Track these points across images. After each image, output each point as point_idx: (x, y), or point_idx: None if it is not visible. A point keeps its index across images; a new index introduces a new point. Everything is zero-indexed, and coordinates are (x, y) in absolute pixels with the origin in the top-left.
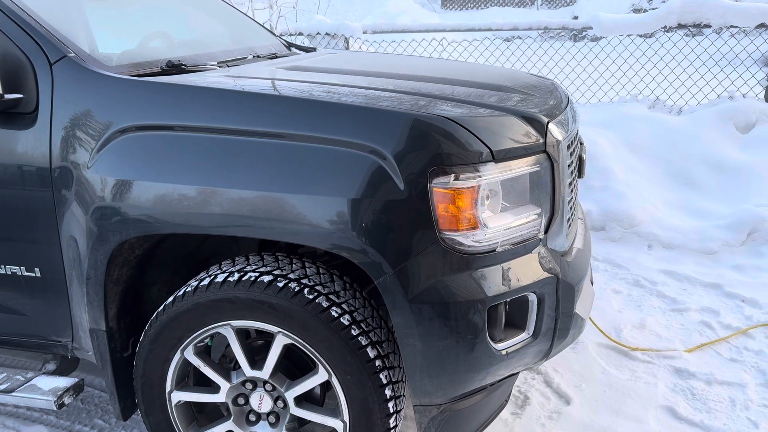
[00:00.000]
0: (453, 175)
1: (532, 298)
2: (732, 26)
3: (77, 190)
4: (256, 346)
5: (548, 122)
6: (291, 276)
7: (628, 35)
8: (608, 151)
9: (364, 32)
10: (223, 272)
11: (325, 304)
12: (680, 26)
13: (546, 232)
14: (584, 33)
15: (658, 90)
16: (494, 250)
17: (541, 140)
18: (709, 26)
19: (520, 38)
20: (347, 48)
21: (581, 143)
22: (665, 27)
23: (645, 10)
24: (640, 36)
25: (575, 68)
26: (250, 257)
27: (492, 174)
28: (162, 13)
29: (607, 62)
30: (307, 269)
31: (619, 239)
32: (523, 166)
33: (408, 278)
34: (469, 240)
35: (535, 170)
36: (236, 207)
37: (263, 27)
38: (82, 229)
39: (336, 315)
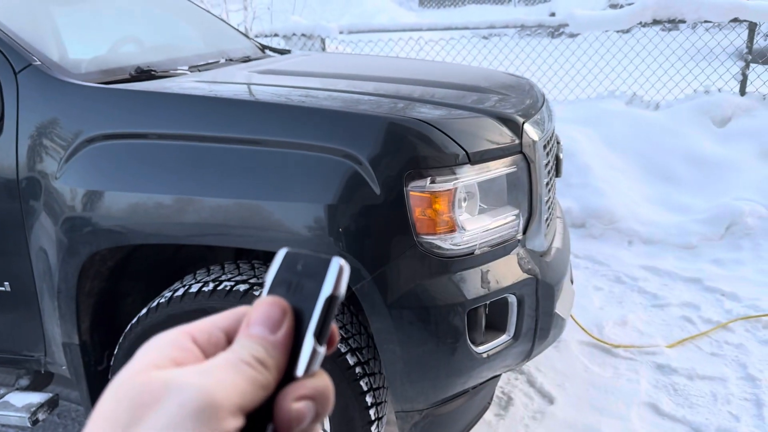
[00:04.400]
0: (429, 178)
1: (512, 299)
2: (706, 21)
3: (46, 202)
4: None
5: (524, 123)
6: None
7: (605, 31)
8: (587, 148)
9: (341, 32)
10: (198, 282)
11: None
12: (655, 22)
13: (524, 232)
14: (561, 30)
15: (635, 86)
16: (473, 253)
17: (517, 141)
18: (684, 21)
19: (498, 36)
20: (324, 49)
21: (558, 142)
22: (640, 23)
23: (621, 6)
24: (617, 32)
25: (552, 65)
26: (226, 266)
27: (468, 176)
28: (134, 18)
29: (584, 59)
30: None
31: (599, 236)
32: (499, 168)
33: (386, 283)
34: (446, 243)
35: (512, 171)
36: (210, 215)
37: (236, 30)
38: (52, 241)
39: None
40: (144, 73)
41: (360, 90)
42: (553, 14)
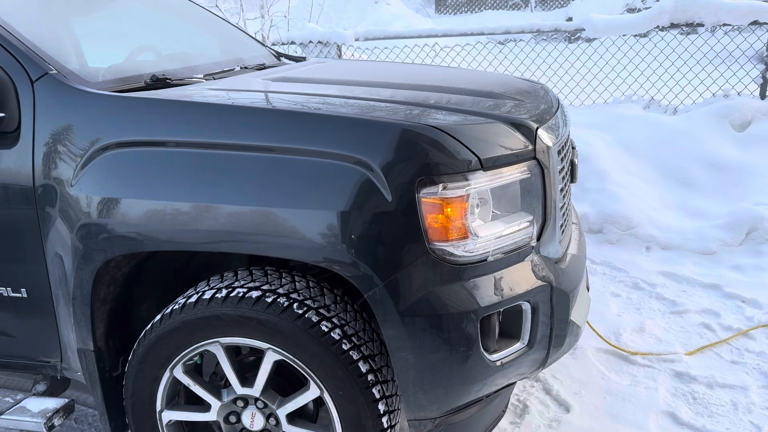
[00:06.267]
0: (441, 184)
1: (526, 307)
2: (725, 24)
3: (61, 209)
4: (247, 363)
5: (537, 128)
6: (280, 291)
7: (622, 35)
8: (603, 153)
9: (357, 39)
10: (211, 288)
11: (315, 318)
12: (673, 26)
13: (538, 239)
14: (578, 34)
15: (652, 90)
16: (485, 260)
17: (531, 146)
18: (702, 25)
19: (514, 41)
20: (339, 56)
21: (573, 147)
22: (658, 27)
23: (639, 10)
24: (635, 36)
25: (569, 70)
26: (239, 272)
27: (481, 182)
28: (150, 26)
29: (600, 63)
30: (297, 283)
31: (616, 242)
32: (513, 174)
33: (398, 291)
34: (459, 250)
35: (526, 177)
36: (223, 222)
37: (252, 37)
38: (67, 247)
39: (326, 329)
40: (159, 81)
41: (375, 97)
42: (570, 19)
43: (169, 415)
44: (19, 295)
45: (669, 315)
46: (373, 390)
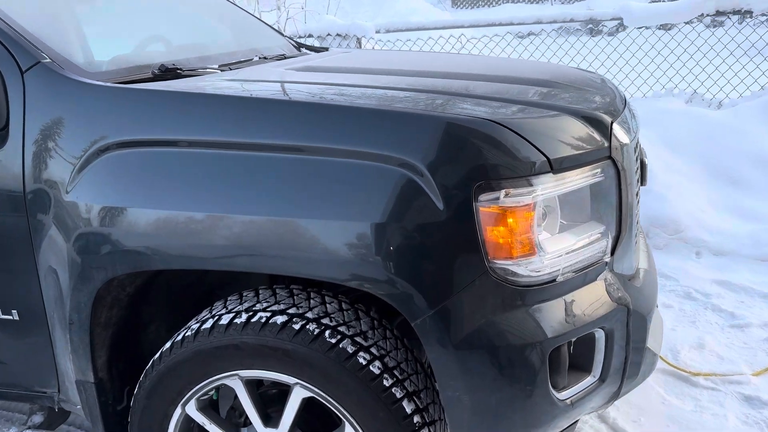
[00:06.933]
0: (503, 190)
1: (600, 334)
2: None
3: (56, 218)
4: (271, 396)
5: (612, 122)
6: (309, 315)
7: (661, 26)
8: (645, 150)
9: (377, 32)
10: (229, 312)
11: (350, 349)
12: (719, 13)
13: (612, 253)
14: (601, 27)
15: (695, 83)
16: (554, 280)
17: (606, 144)
18: (750, 12)
19: (534, 34)
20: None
21: (640, 145)
22: (702, 15)
23: (664, 0)
24: (660, 28)
25: (605, 62)
26: (260, 292)
27: (550, 187)
28: (160, 13)
29: (639, 54)
30: (328, 305)
31: (663, 247)
32: (585, 176)
33: (451, 319)
34: (524, 269)
35: (598, 180)
36: (241, 235)
37: (270, 27)
38: (63, 264)
39: (364, 362)
40: (169, 72)
41: (415, 87)
42: (590, 10)
43: None
44: (10, 317)
45: (729, 329)
46: None
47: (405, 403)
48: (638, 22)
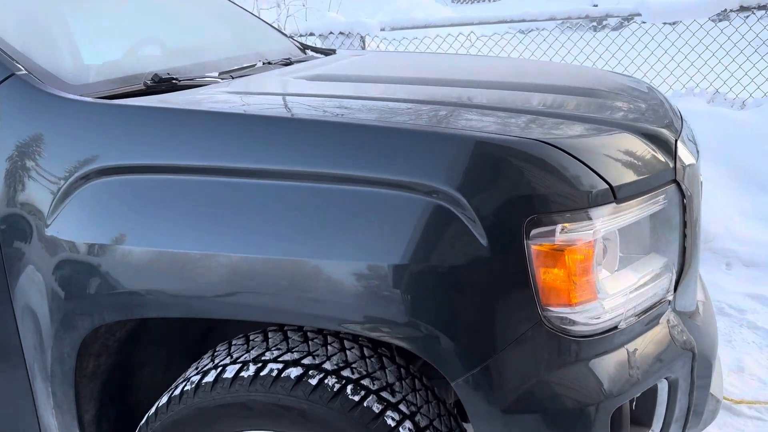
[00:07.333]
0: (560, 225)
1: (663, 385)
2: None
3: (33, 256)
4: None
5: (676, 140)
6: (327, 366)
7: (675, 22)
8: None
9: (382, 29)
10: (234, 361)
11: (376, 407)
12: (743, 8)
13: (675, 289)
14: (605, 22)
15: (717, 81)
16: (616, 327)
17: (671, 165)
18: None
19: (537, 30)
20: (363, 48)
21: None
22: (725, 10)
23: None
24: (667, 23)
25: (622, 59)
26: (270, 335)
27: (612, 219)
28: (157, 15)
29: (658, 52)
30: (348, 352)
31: None
32: (648, 204)
33: (498, 378)
34: (583, 316)
35: (662, 207)
36: (245, 279)
37: (272, 26)
38: (43, 309)
39: (393, 423)
40: (163, 83)
41: (444, 99)
42: (596, 6)
43: None
44: None
45: None
46: None
47: None
48: (658, 18)
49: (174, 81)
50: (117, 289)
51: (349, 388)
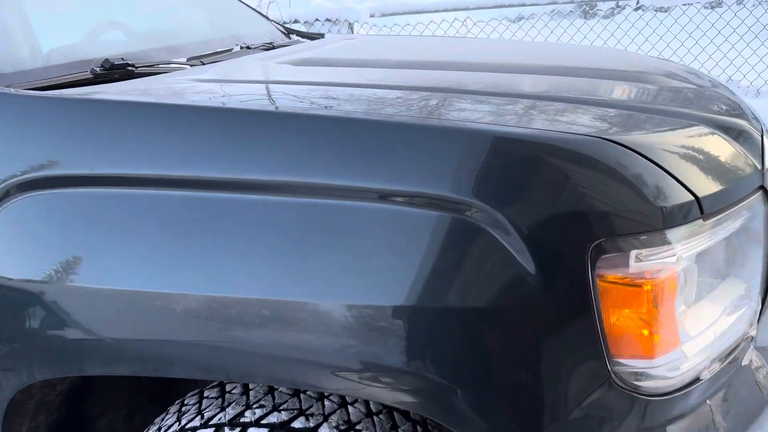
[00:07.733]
0: (634, 251)
1: None
2: None
3: None
4: None
5: (762, 136)
6: (325, 430)
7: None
8: None
9: (371, 15)
10: (205, 423)
11: None
12: None
13: (758, 321)
14: (595, 10)
15: (730, 68)
16: (699, 379)
17: (759, 168)
18: None
19: (525, 18)
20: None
21: None
22: None
23: None
24: (658, 10)
25: (629, 46)
26: (251, 385)
27: (698, 240)
28: None
29: (667, 37)
30: (350, 408)
31: None
32: (734, 218)
33: None
34: (662, 369)
35: (744, 222)
36: (212, 326)
37: (254, 9)
38: None
39: None
40: (116, 69)
41: (463, 87)
42: None
43: None
44: None
45: None
46: None
47: None
48: (666, 2)
49: (130, 67)
50: (47, 340)
51: None
